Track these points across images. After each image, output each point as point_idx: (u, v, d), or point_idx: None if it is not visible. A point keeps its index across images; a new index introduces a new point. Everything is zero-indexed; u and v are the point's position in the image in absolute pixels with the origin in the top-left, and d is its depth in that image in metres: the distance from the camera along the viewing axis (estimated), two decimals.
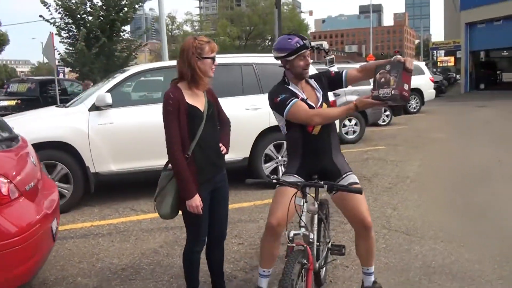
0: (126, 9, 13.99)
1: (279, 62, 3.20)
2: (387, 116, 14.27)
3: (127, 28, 15.67)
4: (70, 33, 14.01)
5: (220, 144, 3.09)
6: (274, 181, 2.81)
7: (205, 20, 72.43)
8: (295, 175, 3.10)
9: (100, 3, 13.91)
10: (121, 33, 14.87)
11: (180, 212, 3.03)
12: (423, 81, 16.77)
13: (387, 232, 4.72)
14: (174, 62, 6.77)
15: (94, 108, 5.84)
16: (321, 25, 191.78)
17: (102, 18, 13.70)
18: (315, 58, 32.78)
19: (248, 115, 6.34)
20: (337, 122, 4.59)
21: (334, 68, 7.71)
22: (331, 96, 5.44)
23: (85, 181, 5.83)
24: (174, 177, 2.91)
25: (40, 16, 13.47)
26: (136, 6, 14.39)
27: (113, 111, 5.90)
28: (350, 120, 10.92)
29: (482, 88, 31.62)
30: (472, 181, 6.75)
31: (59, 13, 13.61)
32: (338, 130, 4.57)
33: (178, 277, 3.78)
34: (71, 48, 13.79)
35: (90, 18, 13.73)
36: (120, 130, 5.91)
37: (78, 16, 13.63)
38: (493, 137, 11.11)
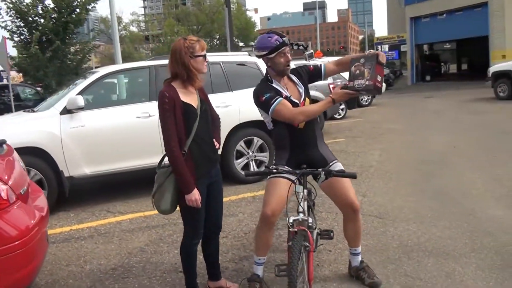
0: (78, 10, 13.70)
1: (244, 60, 3.35)
2: (342, 109, 14.68)
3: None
4: (22, 37, 13.54)
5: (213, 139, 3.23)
6: (274, 171, 2.98)
7: (151, 20, 71.26)
8: (285, 167, 3.28)
9: (52, 5, 13.50)
10: (74, 35, 14.48)
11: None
12: None
13: (361, 217, 4.96)
14: (141, 63, 6.85)
15: (66, 111, 5.79)
16: (266, 22, 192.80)
17: (54, 20, 13.31)
18: None
19: (219, 113, 6.39)
20: None
21: (313, 62, 7.96)
22: None
23: (59, 185, 5.78)
24: (171, 174, 3.02)
25: None
26: (89, 6, 14.11)
27: (84, 113, 5.88)
28: None
29: (428, 80, 33.00)
30: (432, 167, 7.15)
31: (10, 15, 13.14)
32: None
33: (171, 272, 3.89)
34: (23, 53, 13.30)
35: (42, 20, 13.31)
36: (92, 132, 5.89)
37: (30, 19, 13.20)
38: (444, 125, 11.74)
